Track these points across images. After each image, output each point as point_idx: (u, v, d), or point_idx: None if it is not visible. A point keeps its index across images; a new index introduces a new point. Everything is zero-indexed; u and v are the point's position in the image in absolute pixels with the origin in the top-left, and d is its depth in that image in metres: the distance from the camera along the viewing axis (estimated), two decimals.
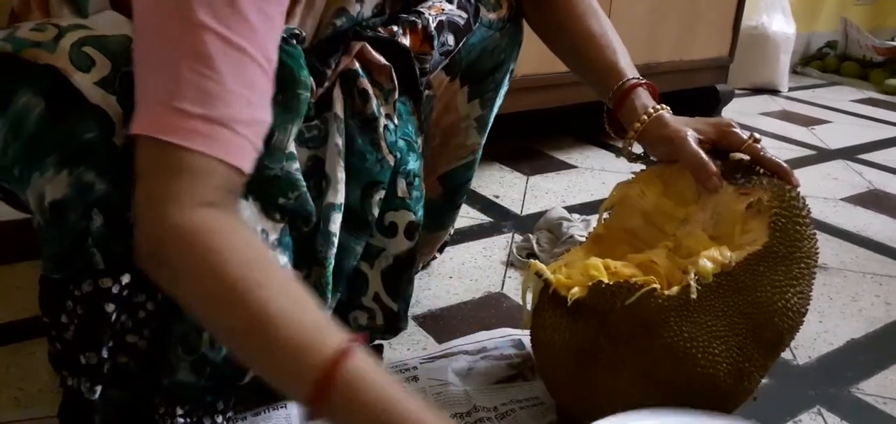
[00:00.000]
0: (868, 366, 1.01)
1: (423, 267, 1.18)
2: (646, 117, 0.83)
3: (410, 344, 0.97)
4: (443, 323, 1.03)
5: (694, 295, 0.70)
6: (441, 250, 1.19)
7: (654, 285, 0.71)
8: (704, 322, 0.69)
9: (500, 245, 1.32)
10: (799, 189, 0.77)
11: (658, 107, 0.84)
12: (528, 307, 0.82)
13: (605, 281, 0.73)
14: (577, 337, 0.74)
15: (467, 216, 1.42)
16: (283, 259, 0.70)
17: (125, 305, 0.65)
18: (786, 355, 1.02)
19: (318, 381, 0.52)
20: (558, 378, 0.79)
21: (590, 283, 0.74)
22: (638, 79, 0.86)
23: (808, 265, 0.73)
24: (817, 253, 0.76)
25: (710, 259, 0.71)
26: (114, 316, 0.64)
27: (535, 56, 1.23)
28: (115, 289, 0.63)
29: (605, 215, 0.87)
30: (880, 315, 1.15)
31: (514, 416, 0.80)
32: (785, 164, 0.78)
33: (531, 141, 1.92)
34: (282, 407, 0.80)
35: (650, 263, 0.76)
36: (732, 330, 0.70)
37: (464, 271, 1.21)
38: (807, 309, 0.75)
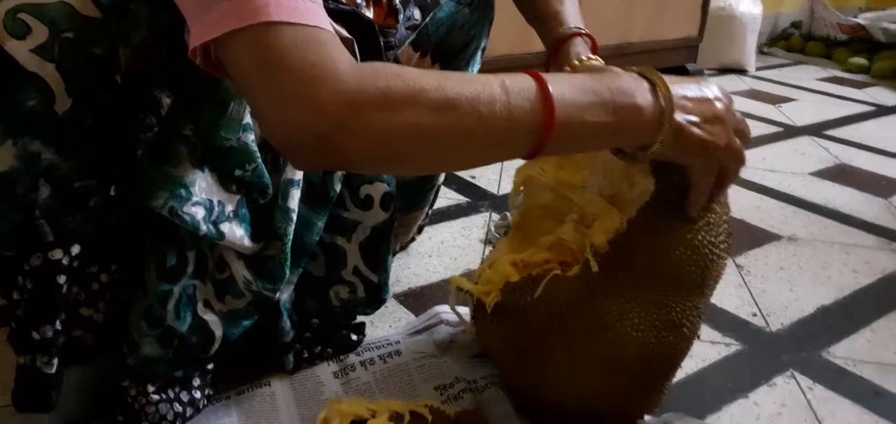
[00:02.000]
0: (838, 331, 1.03)
1: (402, 249, 1.18)
2: (576, 63, 0.79)
3: (392, 321, 0.98)
4: (423, 301, 1.03)
5: (596, 269, 0.69)
6: (419, 231, 1.19)
7: (556, 271, 0.72)
8: (614, 291, 0.69)
9: (477, 224, 1.33)
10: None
11: (592, 57, 0.82)
12: (467, 318, 0.84)
13: (513, 279, 0.74)
14: (506, 337, 0.76)
15: (445, 197, 1.42)
16: (240, 231, 0.70)
17: (77, 277, 0.64)
18: (758, 322, 1.05)
19: (541, 129, 0.55)
20: (504, 372, 0.82)
21: (501, 287, 0.75)
22: (578, 29, 0.84)
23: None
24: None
25: (601, 228, 0.71)
26: (65, 289, 0.63)
27: (508, 37, 1.24)
28: (65, 261, 0.62)
29: (518, 201, 0.86)
30: (848, 282, 1.18)
31: (493, 390, 0.81)
32: None
33: None
34: (265, 385, 0.80)
35: (560, 241, 0.77)
36: (645, 287, 0.69)
37: (443, 249, 1.21)
38: (726, 235, 0.73)
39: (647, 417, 0.80)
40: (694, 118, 0.62)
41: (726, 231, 0.74)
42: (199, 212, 0.67)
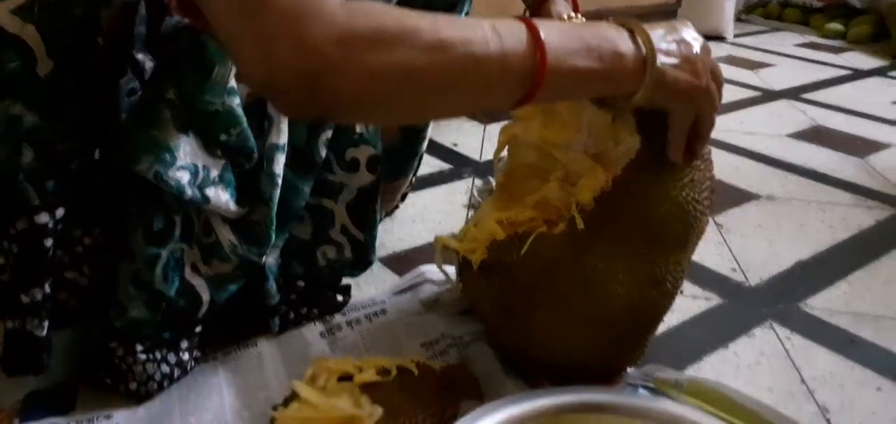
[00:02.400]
0: (815, 284, 1.06)
1: (387, 215, 1.19)
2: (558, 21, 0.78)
3: (377, 283, 0.98)
4: (408, 264, 1.04)
5: (581, 226, 0.70)
6: (403, 198, 1.19)
7: (541, 229, 0.72)
8: (599, 248, 0.70)
9: (460, 189, 1.33)
10: None
11: (573, 15, 0.82)
12: (452, 275, 0.85)
13: (499, 237, 0.75)
14: (492, 295, 0.77)
15: (427, 164, 1.42)
16: (225, 195, 0.70)
17: (61, 240, 0.64)
18: (737, 277, 1.07)
19: (534, 74, 0.54)
20: (489, 328, 0.83)
21: (487, 244, 0.76)
22: None
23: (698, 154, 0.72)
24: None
25: (587, 186, 0.71)
26: (51, 252, 0.63)
27: (491, 6, 1.24)
28: (50, 224, 0.62)
29: (501, 161, 0.87)
30: (825, 238, 1.21)
31: (479, 345, 0.82)
32: None
33: None
34: (252, 346, 0.81)
35: (545, 200, 0.77)
36: (629, 244, 0.70)
37: (427, 215, 1.22)
38: (709, 192, 0.74)
39: (629, 370, 0.81)
40: (675, 61, 0.62)
41: (710, 188, 0.76)
42: (184, 177, 0.67)
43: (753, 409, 0.72)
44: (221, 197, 0.70)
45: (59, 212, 0.63)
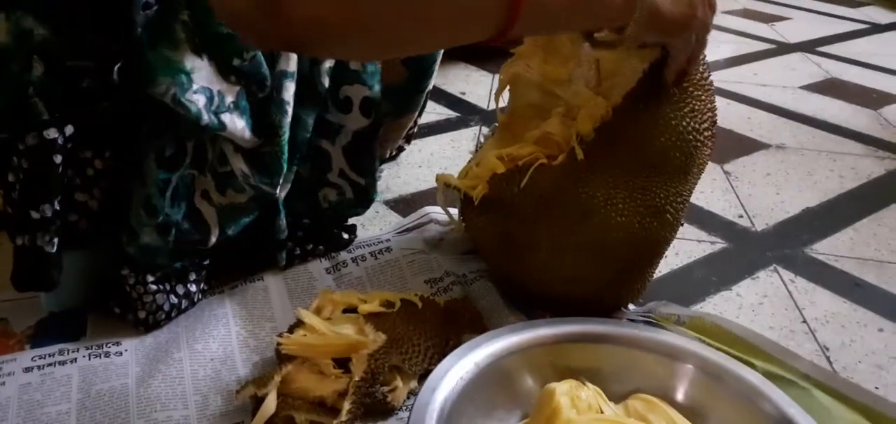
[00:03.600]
0: (821, 230, 1.05)
1: (392, 158, 1.19)
2: None
3: (383, 225, 0.99)
4: (414, 206, 1.04)
5: (581, 156, 0.70)
6: (408, 141, 1.19)
7: (542, 160, 0.73)
8: (599, 178, 0.70)
9: (467, 137, 1.33)
10: None
11: None
12: (455, 215, 0.85)
13: (500, 171, 0.75)
14: (494, 228, 0.77)
15: (434, 111, 1.42)
16: (241, 122, 0.70)
17: (71, 160, 0.65)
18: (744, 223, 1.06)
19: (508, 5, 0.52)
20: (492, 264, 0.84)
21: (488, 179, 0.76)
22: None
23: (692, 80, 0.72)
24: (705, 65, 0.74)
25: (587, 116, 0.71)
26: (61, 169, 0.63)
27: None
28: (60, 141, 0.63)
29: (503, 102, 0.87)
30: (834, 187, 1.20)
31: (481, 283, 0.82)
32: None
33: None
34: (259, 280, 0.82)
35: (547, 135, 0.77)
36: (629, 173, 0.70)
37: (433, 161, 1.22)
38: (710, 124, 0.74)
39: (631, 306, 0.82)
40: None
41: (711, 120, 0.75)
42: (201, 101, 0.67)
43: (754, 342, 0.73)
44: (237, 124, 0.70)
45: (69, 130, 0.63)
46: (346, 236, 0.89)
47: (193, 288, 0.77)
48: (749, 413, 0.60)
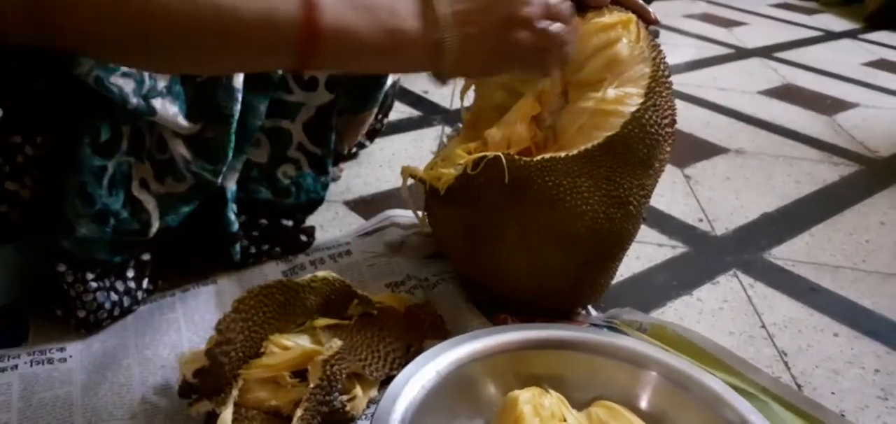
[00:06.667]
0: (779, 235, 1.06)
1: (352, 156, 1.17)
2: None
3: (343, 226, 0.97)
4: (374, 208, 1.02)
5: (546, 143, 0.71)
6: (371, 138, 1.18)
7: (508, 151, 0.72)
8: (565, 165, 0.70)
9: (430, 136, 1.32)
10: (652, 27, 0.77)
11: None
12: (419, 211, 0.84)
13: (466, 161, 0.74)
14: (459, 218, 0.76)
15: (397, 110, 1.40)
16: (173, 108, 0.68)
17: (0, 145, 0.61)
18: (704, 227, 1.07)
19: (302, 38, 0.51)
20: (456, 259, 0.83)
21: (454, 169, 0.75)
22: None
23: (654, 77, 0.73)
24: (665, 64, 0.76)
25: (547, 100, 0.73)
26: None
27: None
28: None
29: (467, 101, 0.86)
30: (791, 191, 1.22)
31: (443, 286, 0.81)
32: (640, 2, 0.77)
33: None
34: (211, 282, 0.79)
35: (512, 130, 0.77)
36: (594, 163, 0.71)
37: (395, 160, 1.20)
38: (670, 122, 0.75)
39: (593, 312, 0.82)
40: (474, 30, 0.60)
41: (671, 117, 0.76)
42: (129, 85, 0.64)
43: (716, 354, 0.73)
44: (169, 109, 0.68)
45: None
46: (304, 238, 0.87)
47: (133, 284, 0.73)
48: (712, 421, 0.60)
